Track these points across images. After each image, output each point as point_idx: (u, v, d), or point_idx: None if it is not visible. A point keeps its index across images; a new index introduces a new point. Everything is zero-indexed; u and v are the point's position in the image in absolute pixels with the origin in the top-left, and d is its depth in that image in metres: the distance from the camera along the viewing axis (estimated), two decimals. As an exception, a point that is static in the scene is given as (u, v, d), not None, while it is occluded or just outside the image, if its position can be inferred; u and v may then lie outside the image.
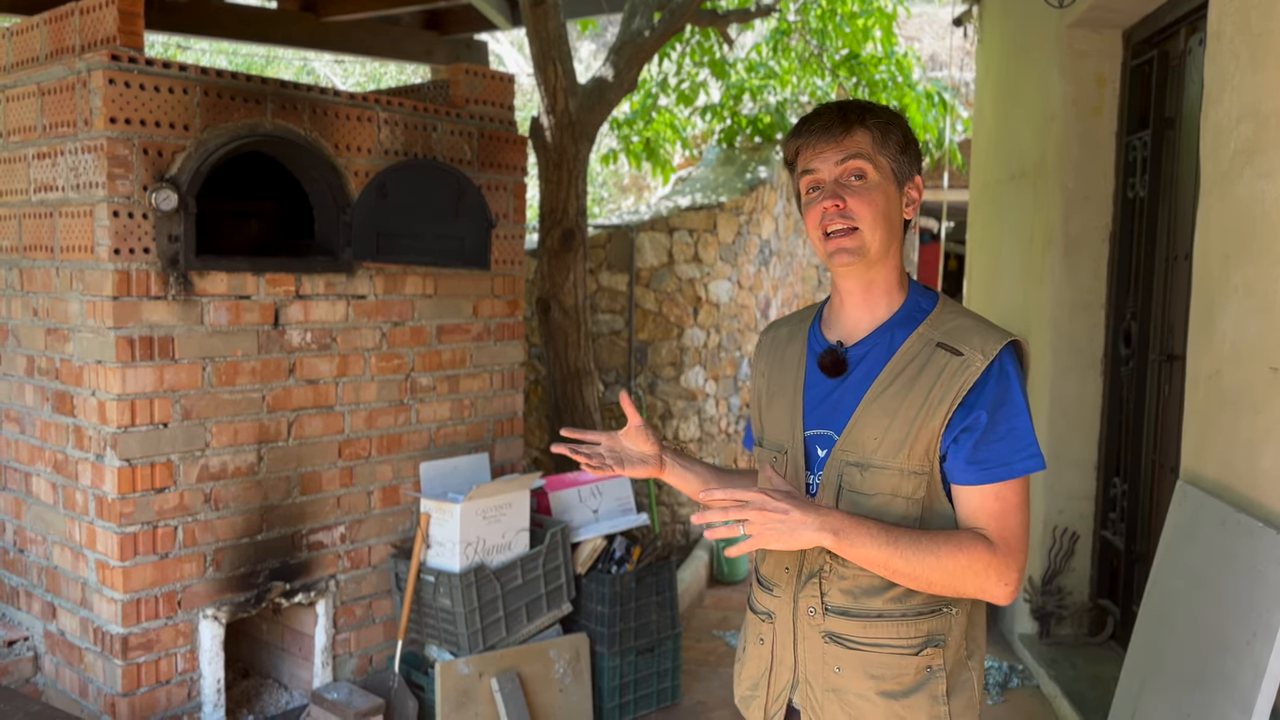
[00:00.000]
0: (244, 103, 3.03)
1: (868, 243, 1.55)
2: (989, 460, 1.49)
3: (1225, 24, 2.64)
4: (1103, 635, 4.03)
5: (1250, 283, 2.45)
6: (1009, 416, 1.49)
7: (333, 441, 3.35)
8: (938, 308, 1.60)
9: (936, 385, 1.52)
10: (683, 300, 5.79)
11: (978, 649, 1.62)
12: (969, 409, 1.50)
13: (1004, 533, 1.49)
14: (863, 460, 1.55)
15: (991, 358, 1.51)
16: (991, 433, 1.49)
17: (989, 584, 1.48)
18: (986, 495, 1.49)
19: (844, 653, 1.58)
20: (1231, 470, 2.53)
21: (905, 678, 1.55)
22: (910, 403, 1.52)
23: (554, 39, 4.40)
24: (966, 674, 1.59)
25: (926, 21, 10.31)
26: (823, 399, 1.62)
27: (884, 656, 1.56)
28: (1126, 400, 3.91)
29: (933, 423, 1.51)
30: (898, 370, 1.55)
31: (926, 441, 1.52)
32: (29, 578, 3.25)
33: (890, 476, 1.53)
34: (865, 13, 6.82)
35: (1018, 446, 1.49)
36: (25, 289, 3.12)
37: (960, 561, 1.46)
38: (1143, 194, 3.77)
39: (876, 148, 1.56)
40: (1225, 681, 2.28)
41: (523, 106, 10.20)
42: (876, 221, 1.54)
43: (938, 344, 1.54)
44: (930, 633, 1.55)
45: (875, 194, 1.55)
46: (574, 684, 3.53)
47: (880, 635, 1.56)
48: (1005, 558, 1.48)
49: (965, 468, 1.50)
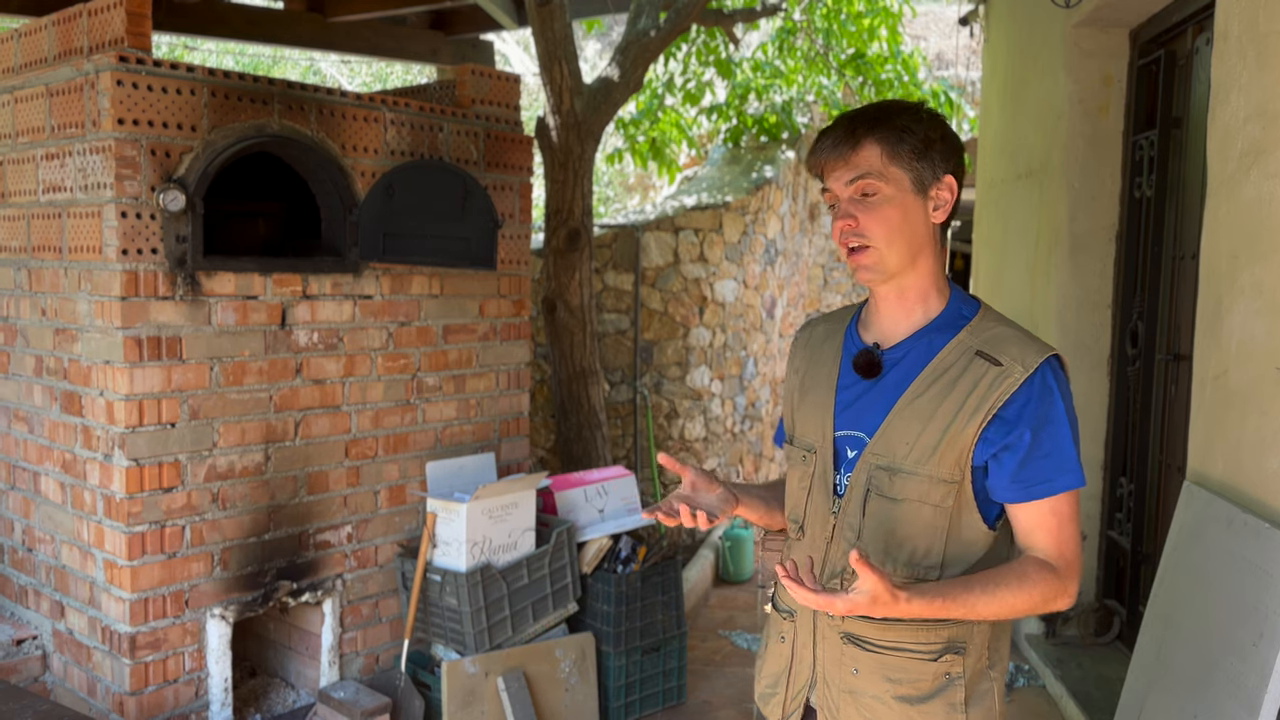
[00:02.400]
0: (251, 103, 3.04)
1: (883, 259, 1.53)
2: (1033, 479, 1.48)
3: (1232, 23, 2.64)
4: (1109, 635, 4.03)
5: (1258, 282, 2.45)
6: (1053, 434, 1.48)
7: (339, 441, 3.36)
8: (979, 315, 1.57)
9: (973, 394, 1.49)
10: (688, 300, 5.79)
11: (1000, 659, 1.59)
12: (1009, 424, 1.48)
13: (1062, 548, 1.49)
14: (893, 464, 1.53)
15: (1031, 370, 1.48)
16: (1036, 450, 1.47)
17: (1059, 602, 1.50)
18: (1043, 512, 1.49)
19: (861, 654, 1.57)
20: (1238, 471, 2.52)
21: (923, 683, 1.54)
22: (945, 410, 1.50)
23: (560, 39, 4.40)
24: (987, 684, 1.57)
25: (933, 20, 10.29)
26: (854, 400, 1.61)
27: (902, 660, 1.54)
28: (1133, 400, 3.90)
29: (966, 431, 1.49)
30: (934, 376, 1.53)
31: (959, 450, 1.50)
32: (38, 577, 3.27)
33: (919, 483, 1.52)
34: (871, 12, 6.82)
35: (1060, 462, 1.48)
36: (34, 289, 3.13)
37: (1035, 597, 1.47)
38: (1149, 193, 3.76)
39: (888, 160, 1.51)
40: (1231, 683, 2.28)
41: (529, 106, 10.21)
42: (891, 238, 1.52)
43: (977, 352, 1.52)
44: (950, 639, 1.54)
45: (887, 209, 1.51)
46: (580, 683, 3.53)
47: (899, 638, 1.54)
48: (1067, 574, 1.49)
49: (1009, 486, 1.49)
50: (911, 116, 1.54)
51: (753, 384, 6.43)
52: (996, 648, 1.59)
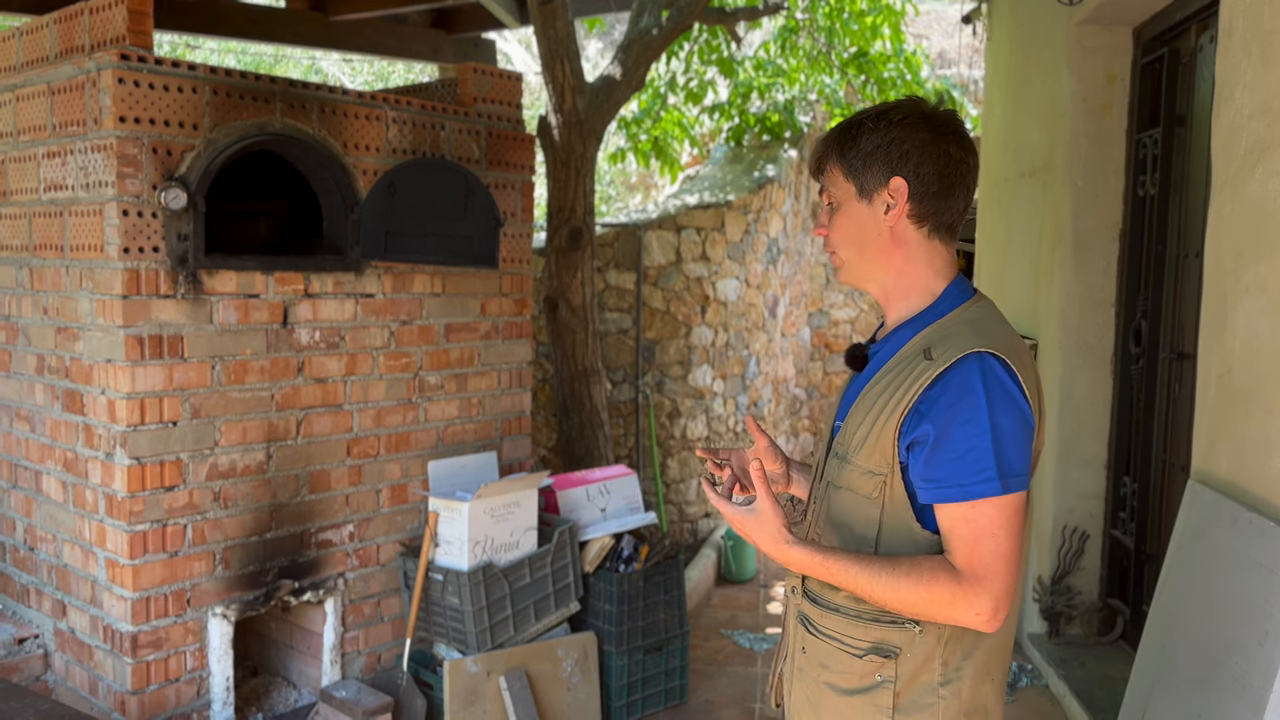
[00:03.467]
0: (253, 102, 3.04)
1: (847, 263, 1.63)
2: (942, 479, 1.43)
3: (1237, 21, 2.63)
4: (1112, 635, 4.02)
5: (1262, 281, 2.44)
6: (965, 433, 1.41)
7: (341, 440, 3.35)
8: (954, 312, 1.55)
9: (903, 388, 1.49)
10: (690, 299, 5.78)
11: (959, 678, 1.50)
12: (919, 419, 1.45)
13: (971, 559, 1.40)
14: (842, 453, 1.58)
15: (948, 364, 1.44)
16: (945, 450, 1.42)
17: (957, 614, 1.41)
18: (955, 518, 1.42)
19: (807, 636, 1.63)
20: (1243, 469, 2.51)
21: (850, 677, 1.55)
22: (880, 403, 1.52)
23: (562, 37, 4.40)
24: (930, 698, 1.50)
25: (935, 19, 10.28)
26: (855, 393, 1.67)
27: (832, 649, 1.57)
28: (1137, 399, 3.89)
29: (889, 424, 1.49)
30: (891, 369, 1.55)
31: (885, 444, 1.50)
32: (39, 575, 3.27)
33: (853, 472, 1.55)
34: (873, 10, 6.81)
35: (976, 468, 1.40)
36: (35, 288, 3.13)
37: (920, 594, 1.41)
38: (1153, 192, 3.75)
39: (838, 173, 1.61)
40: (1236, 682, 2.27)
41: (530, 105, 10.21)
42: (847, 244, 1.61)
43: (924, 348, 1.51)
44: (879, 641, 1.51)
45: (840, 219, 1.61)
46: (582, 683, 3.53)
47: (832, 628, 1.58)
48: (972, 587, 1.39)
49: (921, 484, 1.46)
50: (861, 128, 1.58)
51: (755, 383, 6.43)
52: (958, 665, 1.50)
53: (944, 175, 1.54)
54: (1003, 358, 1.44)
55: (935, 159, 1.54)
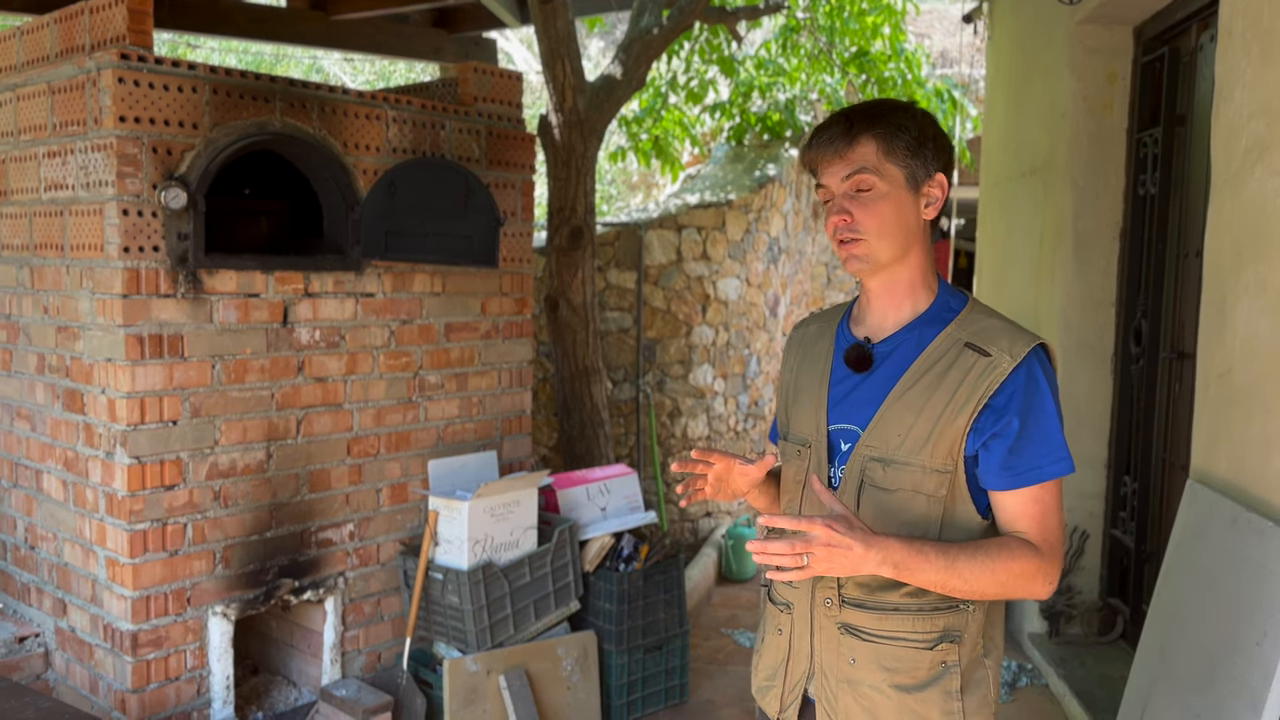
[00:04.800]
0: (253, 101, 3.04)
1: (874, 251, 1.57)
2: (1021, 465, 1.50)
3: (1237, 20, 2.63)
4: (1112, 634, 4.02)
5: (1262, 280, 2.44)
6: (1040, 421, 1.51)
7: (341, 439, 3.35)
8: (967, 308, 1.61)
9: (963, 385, 1.52)
10: (691, 298, 5.78)
11: (995, 647, 1.62)
12: (998, 413, 1.50)
13: (1046, 534, 1.51)
14: (886, 456, 1.56)
15: (1019, 360, 1.51)
16: (1024, 438, 1.50)
17: (1036, 586, 1.51)
18: (1026, 500, 1.51)
19: (859, 644, 1.59)
20: (1243, 469, 2.51)
21: (919, 672, 1.56)
22: (936, 400, 1.53)
23: (563, 36, 4.39)
24: (982, 672, 1.59)
25: (936, 18, 10.27)
26: (847, 394, 1.64)
27: (898, 650, 1.56)
28: (1137, 398, 3.89)
29: (957, 421, 1.52)
30: (925, 368, 1.56)
31: (951, 440, 1.52)
32: (40, 574, 3.27)
33: (913, 473, 1.54)
34: (874, 9, 6.80)
35: (1048, 449, 1.50)
36: (36, 287, 3.14)
37: (1014, 570, 1.48)
38: (1153, 191, 3.75)
39: (883, 156, 1.54)
40: (1235, 682, 2.27)
41: (531, 104, 10.21)
42: (883, 231, 1.56)
43: (966, 344, 1.55)
44: (946, 628, 1.56)
45: (881, 205, 1.55)
46: (582, 682, 3.53)
47: (895, 628, 1.56)
48: (1050, 559, 1.51)
49: (999, 473, 1.51)
50: (906, 114, 1.57)
51: (756, 382, 6.43)
52: (991, 635, 1.61)
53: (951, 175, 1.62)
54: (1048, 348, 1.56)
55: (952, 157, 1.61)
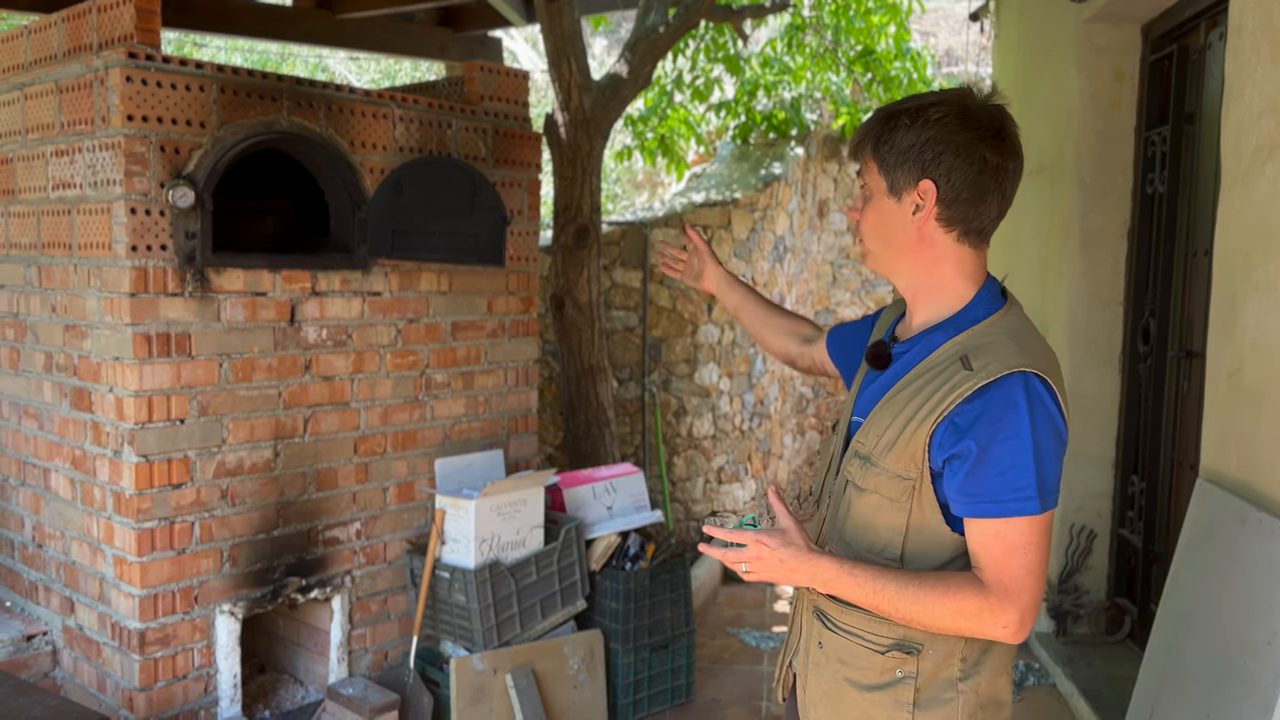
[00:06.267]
0: (260, 100, 3.04)
1: (871, 250, 1.62)
2: (980, 494, 1.42)
3: (1246, 18, 2.62)
4: (1120, 634, 4.01)
5: (1271, 279, 2.43)
6: (1009, 450, 1.40)
7: (348, 438, 3.36)
8: (990, 319, 1.53)
9: (935, 395, 1.48)
10: (697, 297, 5.78)
11: (979, 672, 1.53)
12: (959, 433, 1.43)
13: (1000, 574, 1.42)
14: (866, 454, 1.56)
15: (993, 378, 1.42)
16: (986, 466, 1.41)
17: (984, 627, 1.43)
18: (986, 533, 1.43)
19: (825, 631, 1.62)
20: (1252, 468, 2.50)
21: (870, 673, 1.55)
22: (911, 407, 1.51)
23: (568, 35, 4.39)
24: (950, 693, 1.52)
25: (943, 17, 10.26)
26: (867, 387, 1.66)
27: (853, 645, 1.57)
28: (1145, 397, 3.88)
29: (920, 431, 1.48)
30: (920, 374, 1.53)
31: (914, 449, 1.49)
32: (48, 573, 3.28)
33: (879, 475, 1.54)
34: (880, 8, 6.79)
35: (1013, 483, 1.40)
36: (44, 286, 3.14)
37: (947, 608, 1.43)
38: (1162, 189, 3.74)
39: (872, 164, 1.57)
40: (1245, 682, 2.26)
41: (537, 103, 10.21)
42: (874, 236, 1.60)
43: (960, 355, 1.49)
44: (902, 638, 1.52)
45: (868, 210, 1.59)
46: (588, 680, 3.53)
47: (853, 624, 1.57)
48: (1000, 601, 1.41)
49: (956, 497, 1.46)
50: (908, 118, 1.51)
51: (761, 381, 6.42)
52: (977, 660, 1.53)
53: (976, 181, 1.49)
54: (1045, 378, 1.44)
55: (969, 164, 1.48)
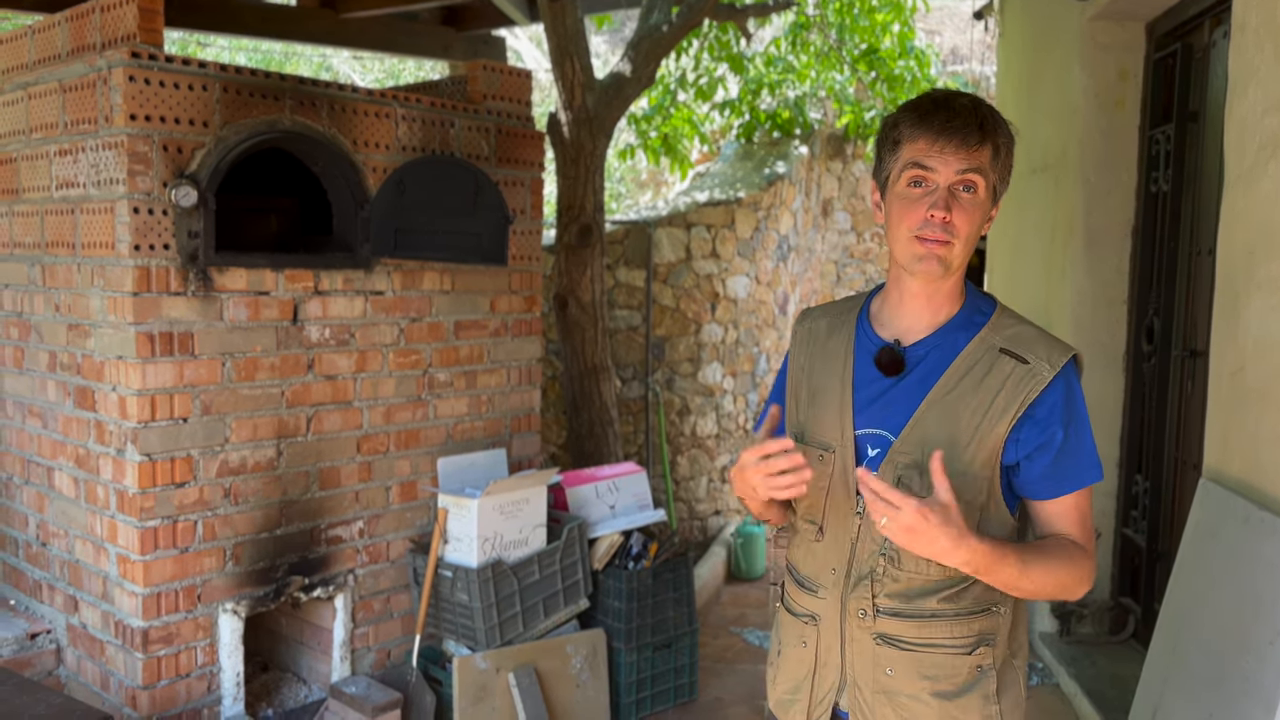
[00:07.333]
0: (263, 99, 3.04)
1: (955, 256, 1.51)
2: (1064, 475, 1.54)
3: (1250, 16, 2.61)
4: (1123, 634, 4.00)
5: (1274, 278, 2.42)
6: (1080, 432, 1.54)
7: (351, 437, 3.36)
8: (996, 313, 1.60)
9: (1002, 391, 1.51)
10: (700, 296, 5.77)
11: (1020, 648, 1.64)
12: (1040, 424, 1.51)
13: (1086, 537, 1.56)
14: (922, 462, 1.50)
15: (1058, 369, 1.52)
16: (1067, 449, 1.53)
17: (1084, 585, 1.55)
18: (1069, 505, 1.55)
19: (896, 654, 1.56)
20: (1256, 468, 2.50)
21: (958, 677, 1.56)
22: (974, 407, 1.51)
23: (572, 34, 4.39)
24: (1013, 672, 1.61)
25: (947, 15, 10.24)
26: (876, 397, 1.58)
27: (937, 656, 1.55)
28: (1148, 397, 3.87)
29: (997, 429, 1.51)
30: (960, 373, 1.53)
31: (990, 447, 1.51)
32: (51, 571, 3.28)
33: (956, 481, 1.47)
34: (884, 7, 6.78)
35: (1087, 459, 1.55)
36: (47, 285, 3.15)
37: (1073, 573, 1.52)
38: (1165, 188, 3.73)
39: (990, 165, 1.51)
40: (1247, 682, 2.26)
41: (540, 102, 10.20)
42: (970, 238, 1.51)
43: (1000, 349, 1.54)
44: (982, 632, 1.57)
45: (976, 212, 1.50)
46: (591, 680, 3.53)
47: (934, 635, 1.55)
48: (1090, 559, 1.56)
49: (1040, 482, 1.54)
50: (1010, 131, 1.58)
51: (765, 380, 6.42)
52: (1017, 635, 1.63)
53: None
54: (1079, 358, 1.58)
55: None
